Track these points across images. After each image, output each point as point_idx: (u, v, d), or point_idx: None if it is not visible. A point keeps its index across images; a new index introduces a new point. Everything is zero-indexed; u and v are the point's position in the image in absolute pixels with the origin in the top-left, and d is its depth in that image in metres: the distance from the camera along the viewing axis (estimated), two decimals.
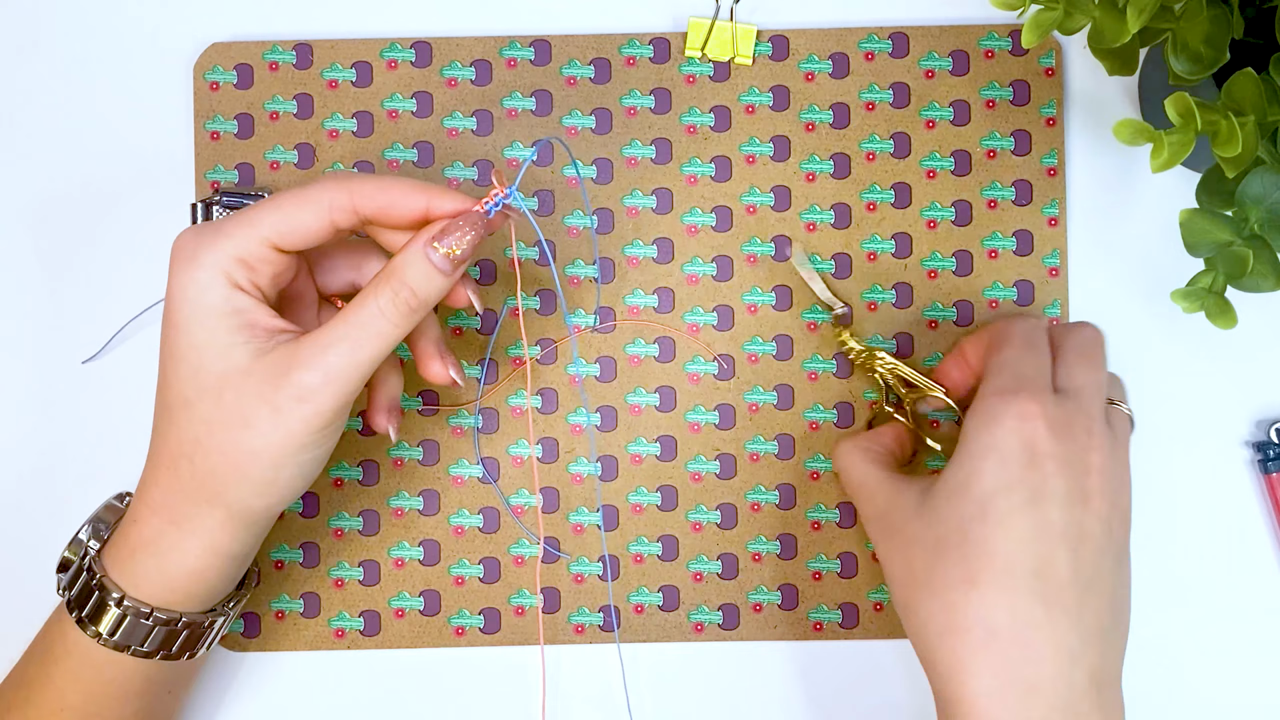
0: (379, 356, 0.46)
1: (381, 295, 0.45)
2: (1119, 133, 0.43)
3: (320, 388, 0.45)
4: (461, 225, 0.46)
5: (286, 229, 0.45)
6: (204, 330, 0.45)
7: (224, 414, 0.45)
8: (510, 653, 0.57)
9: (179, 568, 0.47)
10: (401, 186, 0.46)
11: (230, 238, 0.45)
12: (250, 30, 0.58)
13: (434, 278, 0.46)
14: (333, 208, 0.46)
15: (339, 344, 0.45)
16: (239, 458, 0.46)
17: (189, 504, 0.47)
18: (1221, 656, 0.57)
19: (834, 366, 0.57)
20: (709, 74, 0.57)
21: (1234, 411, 0.57)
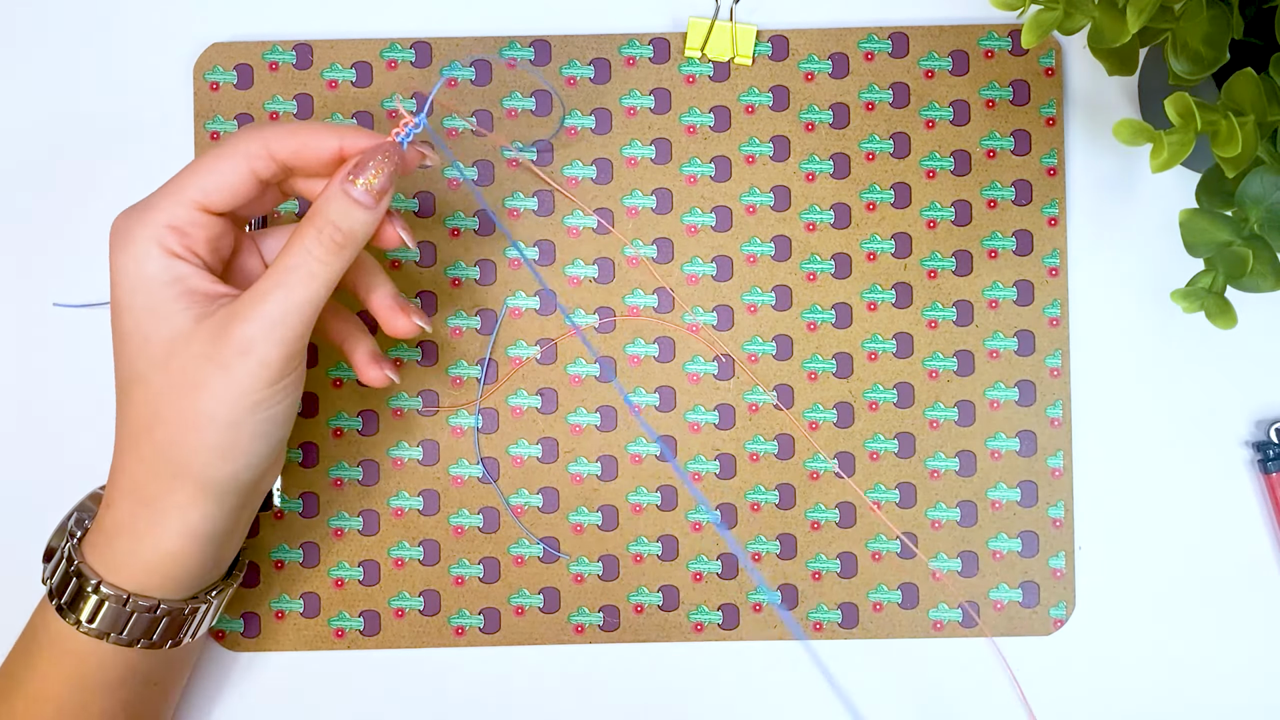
0: (316, 298, 0.46)
1: (307, 236, 0.46)
2: (1119, 133, 0.43)
3: (261, 336, 0.45)
4: (377, 157, 0.46)
5: (210, 186, 0.46)
6: (145, 303, 0.45)
7: (174, 381, 0.45)
8: (510, 653, 0.57)
9: (154, 550, 0.47)
10: (313, 127, 0.47)
11: (158, 208, 0.46)
12: (250, 30, 0.58)
13: (355, 211, 0.46)
14: (249, 156, 0.46)
15: (273, 291, 0.45)
16: (195, 422, 0.45)
17: (156, 481, 0.47)
18: (1221, 656, 0.57)
19: (834, 366, 0.57)
20: (709, 74, 0.57)
21: (1234, 411, 0.57)
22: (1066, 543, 0.57)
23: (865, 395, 0.57)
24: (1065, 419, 0.57)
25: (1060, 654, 0.57)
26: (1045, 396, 0.57)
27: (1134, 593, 0.57)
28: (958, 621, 0.57)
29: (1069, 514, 0.57)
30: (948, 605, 0.57)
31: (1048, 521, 0.57)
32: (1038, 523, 0.57)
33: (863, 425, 0.57)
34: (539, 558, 0.57)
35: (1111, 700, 0.57)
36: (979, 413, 0.57)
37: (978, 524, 0.57)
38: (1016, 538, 0.57)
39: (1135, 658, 0.57)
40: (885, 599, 0.57)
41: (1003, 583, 0.57)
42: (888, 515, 0.57)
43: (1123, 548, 0.57)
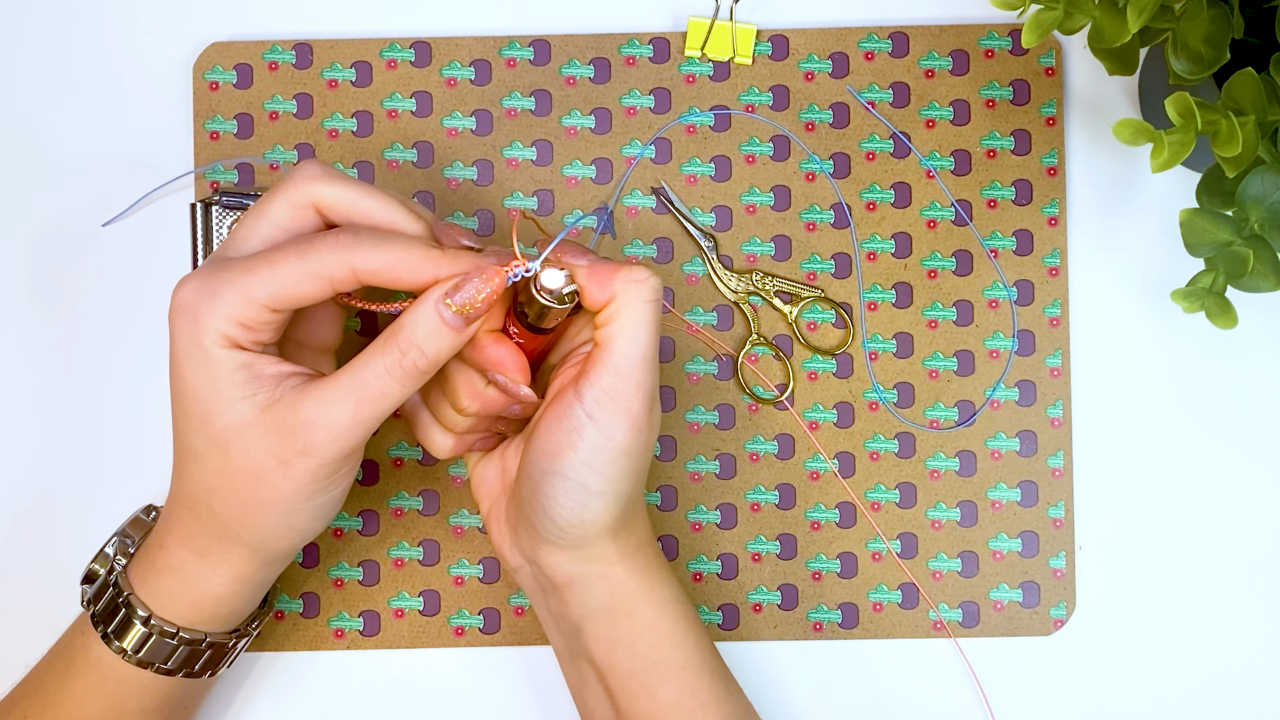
0: (382, 416, 0.45)
1: (389, 355, 0.44)
2: (1119, 133, 0.43)
3: (325, 443, 0.44)
4: (476, 281, 0.44)
5: (284, 296, 0.44)
6: (208, 386, 0.44)
7: (232, 467, 0.45)
8: (510, 653, 0.57)
9: (205, 594, 0.48)
10: (407, 257, 0.44)
11: (228, 304, 0.44)
12: (250, 30, 0.58)
13: (444, 335, 0.44)
14: (334, 280, 0.44)
15: (342, 402, 0.44)
16: (252, 508, 0.46)
17: (212, 541, 0.47)
18: (1221, 656, 0.57)
19: (834, 366, 0.57)
20: (709, 74, 0.57)
21: (1233, 411, 0.57)
22: (1067, 543, 0.57)
23: (865, 395, 0.57)
24: (1065, 419, 0.57)
25: (1060, 654, 0.57)
26: (1045, 396, 0.57)
27: (1134, 593, 0.57)
28: (958, 621, 0.57)
29: (1069, 514, 0.57)
30: (948, 605, 0.57)
31: (1048, 521, 0.57)
32: (1038, 523, 0.57)
33: (863, 425, 0.57)
34: None
35: (1111, 700, 0.57)
36: (979, 413, 0.57)
37: (978, 524, 0.57)
38: (1017, 538, 0.57)
39: (1135, 658, 0.57)
40: (885, 599, 0.57)
41: (1003, 583, 0.57)
42: (888, 515, 0.57)
43: (1123, 548, 0.57)
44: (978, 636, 0.57)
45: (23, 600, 0.57)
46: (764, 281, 0.56)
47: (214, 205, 0.55)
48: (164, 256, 0.57)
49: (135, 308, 0.57)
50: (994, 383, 0.57)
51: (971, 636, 0.57)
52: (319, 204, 0.46)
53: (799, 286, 0.56)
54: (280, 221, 0.45)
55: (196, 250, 0.55)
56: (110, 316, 0.57)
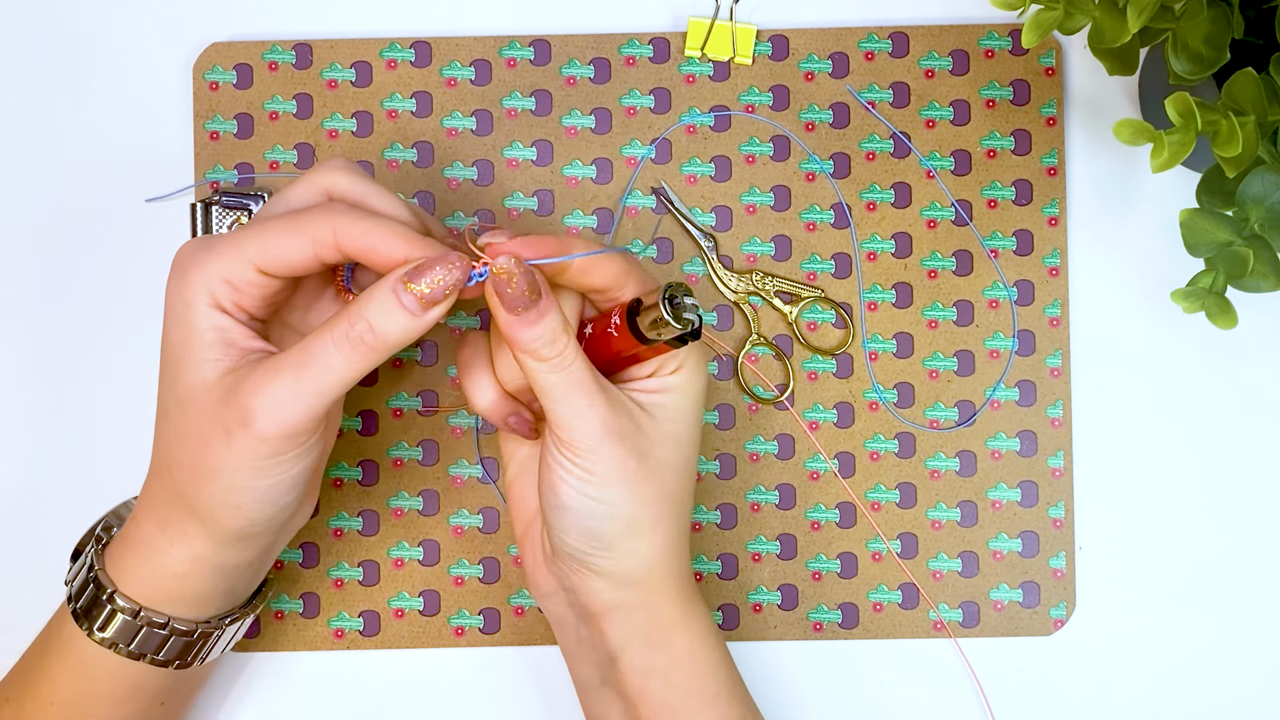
0: (327, 391, 0.44)
1: (338, 326, 0.44)
2: (1119, 133, 0.43)
3: (263, 415, 0.43)
4: (439, 267, 0.43)
5: (270, 255, 0.44)
6: (182, 343, 0.45)
7: (188, 429, 0.45)
8: (510, 653, 0.57)
9: (163, 569, 0.47)
10: (386, 233, 0.44)
11: (219, 256, 0.45)
12: (250, 30, 0.58)
13: (397, 315, 0.43)
14: (316, 241, 0.44)
15: (285, 372, 0.44)
16: (200, 475, 0.45)
17: (171, 509, 0.47)
18: (1221, 656, 0.57)
19: (834, 366, 0.57)
20: (709, 74, 0.57)
21: (1234, 411, 0.57)
22: (1067, 543, 0.57)
23: (865, 395, 0.57)
24: (1065, 419, 0.57)
25: (1060, 654, 0.57)
26: (1045, 396, 0.57)
27: (1134, 593, 0.57)
28: (958, 621, 0.57)
29: (1069, 514, 0.57)
30: (948, 605, 0.57)
31: (1048, 521, 0.57)
32: (1038, 523, 0.57)
33: (863, 425, 0.57)
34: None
35: (1111, 700, 0.57)
36: (979, 413, 0.57)
37: (978, 524, 0.57)
38: (1017, 538, 0.57)
39: (1135, 658, 0.57)
40: (885, 599, 0.57)
41: (1003, 583, 0.57)
42: (888, 515, 0.57)
43: (1123, 548, 0.57)
44: (978, 636, 0.57)
45: (12, 594, 0.57)
46: (764, 281, 0.56)
47: (214, 205, 0.55)
48: (163, 258, 0.57)
49: (135, 308, 0.57)
50: (994, 383, 0.57)
51: (971, 636, 0.57)
52: (331, 191, 0.47)
53: (799, 286, 0.56)
54: (294, 204, 0.47)
55: None
56: (109, 317, 0.57)
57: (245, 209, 0.55)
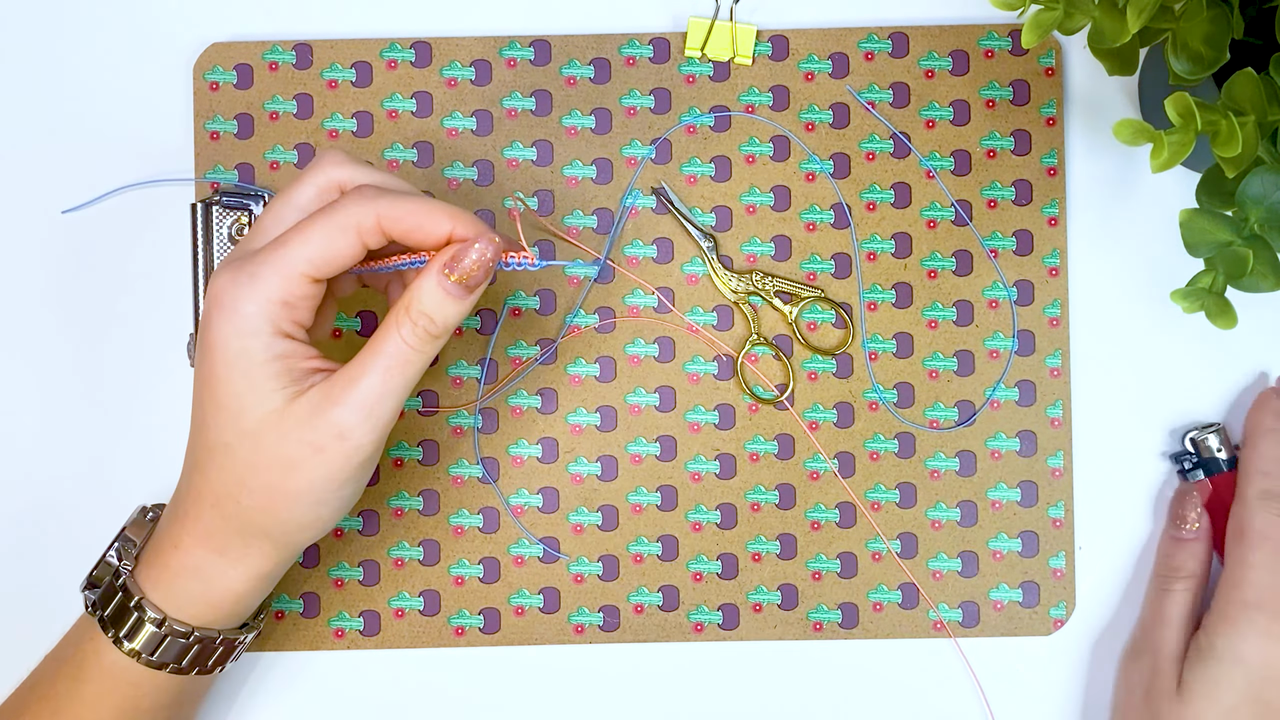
0: (410, 383, 0.46)
1: (403, 325, 0.45)
2: (1119, 133, 0.43)
3: (359, 423, 0.45)
4: (474, 251, 0.45)
5: (321, 259, 0.45)
6: (245, 379, 0.45)
7: (265, 458, 0.45)
8: (510, 653, 0.57)
9: (224, 593, 0.48)
10: (427, 211, 0.46)
11: (267, 279, 0.44)
12: (250, 30, 0.58)
13: (448, 304, 0.46)
14: (362, 230, 0.45)
15: (369, 377, 0.45)
16: (284, 499, 0.46)
17: (236, 537, 0.47)
18: None
19: (834, 366, 0.57)
20: (709, 74, 0.57)
21: (1233, 410, 0.57)
22: (1066, 543, 0.57)
23: (865, 395, 0.57)
24: (1065, 419, 0.57)
25: (1060, 654, 0.57)
26: (1045, 396, 0.57)
27: (1134, 593, 0.57)
28: (958, 621, 0.57)
29: (1069, 514, 0.57)
30: (948, 605, 0.57)
31: (1048, 521, 0.57)
32: (1038, 523, 0.57)
33: (863, 425, 0.57)
34: (539, 558, 0.57)
35: (1111, 700, 0.57)
36: (979, 413, 0.57)
37: (978, 524, 0.57)
38: (1017, 538, 0.57)
39: None
40: (885, 599, 0.57)
41: (1003, 583, 0.57)
42: (888, 515, 0.57)
43: (1123, 548, 0.57)
44: (978, 636, 0.57)
45: (21, 603, 0.57)
46: (764, 281, 0.56)
47: (214, 205, 0.55)
48: (163, 257, 0.57)
49: (134, 308, 0.57)
50: (994, 383, 0.57)
51: (971, 636, 0.57)
52: (344, 186, 0.47)
53: (799, 286, 0.56)
54: (306, 206, 0.47)
55: (197, 251, 0.55)
56: (109, 317, 0.57)
57: (245, 209, 0.55)
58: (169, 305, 0.57)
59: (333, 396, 0.45)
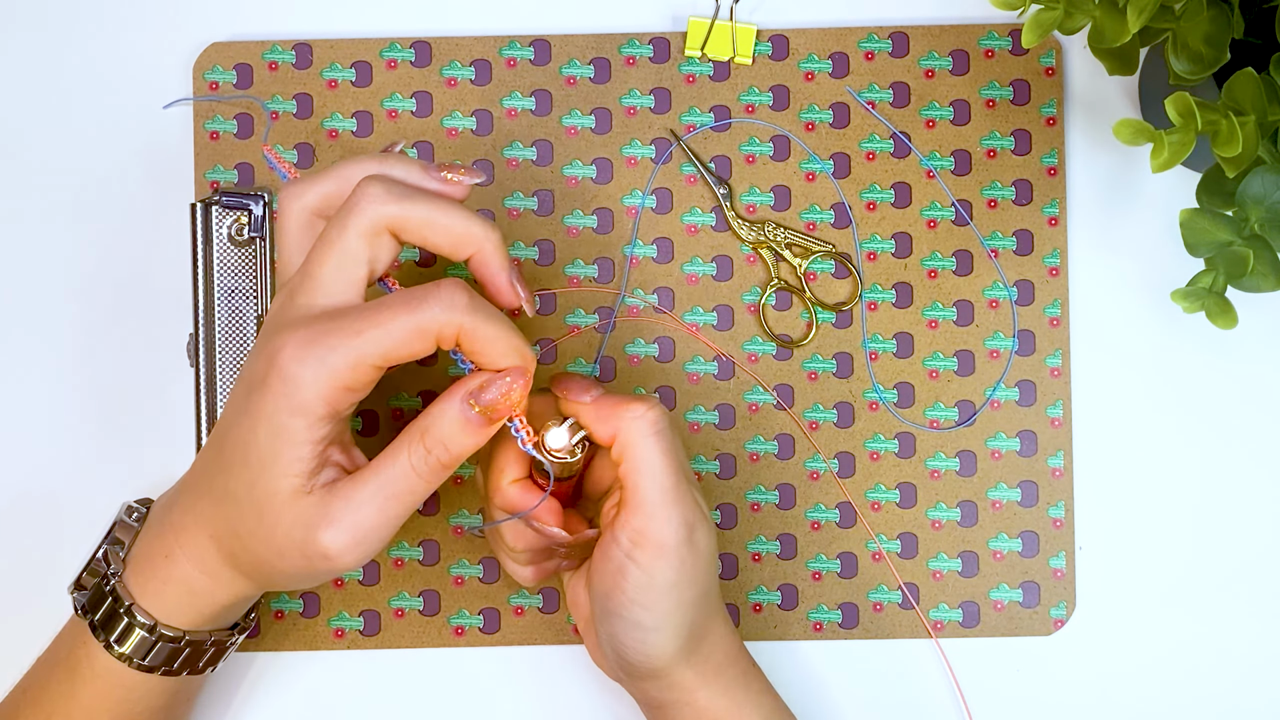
0: (408, 513, 0.45)
1: (415, 452, 0.45)
2: (1119, 133, 0.43)
3: (345, 551, 0.45)
4: (502, 384, 0.45)
5: (395, 356, 0.43)
6: (274, 455, 0.44)
7: (262, 533, 0.45)
8: (510, 653, 0.57)
9: (212, 605, 0.48)
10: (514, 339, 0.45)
11: (338, 369, 0.43)
12: (250, 30, 0.58)
13: (466, 435, 0.45)
14: (441, 338, 0.44)
15: (369, 503, 0.44)
16: (270, 572, 0.47)
17: (226, 570, 0.47)
18: (1221, 656, 0.57)
19: (834, 366, 0.57)
20: (709, 74, 0.57)
21: (1233, 411, 0.57)
22: (1067, 543, 0.57)
23: (865, 395, 0.57)
24: (1065, 419, 0.57)
25: (1060, 654, 0.57)
26: (1045, 396, 0.57)
27: (1134, 593, 0.57)
28: (958, 621, 0.57)
29: (1069, 514, 0.57)
30: (948, 605, 0.57)
31: (1048, 521, 0.57)
32: (1038, 523, 0.57)
33: (863, 425, 0.57)
34: None
35: (1111, 700, 0.57)
36: (979, 413, 0.57)
37: (978, 524, 0.57)
38: (1017, 538, 0.57)
39: (1135, 658, 0.57)
40: (885, 599, 0.57)
41: (1003, 583, 0.57)
42: (888, 515, 0.57)
43: (1123, 548, 0.57)
44: (978, 636, 0.57)
45: (13, 603, 0.57)
46: (775, 233, 0.56)
47: (214, 205, 0.55)
48: (163, 258, 0.57)
49: (133, 307, 0.57)
50: (994, 383, 0.57)
51: (971, 636, 0.57)
52: (393, 228, 0.45)
53: (810, 240, 0.56)
54: (360, 256, 0.44)
55: (196, 250, 0.55)
56: (108, 316, 0.57)
57: (245, 209, 0.55)
58: (168, 305, 0.57)
59: (330, 513, 0.44)
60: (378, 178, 0.45)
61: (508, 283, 0.46)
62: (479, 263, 0.46)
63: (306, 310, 0.44)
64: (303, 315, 0.44)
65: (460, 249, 0.45)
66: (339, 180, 0.46)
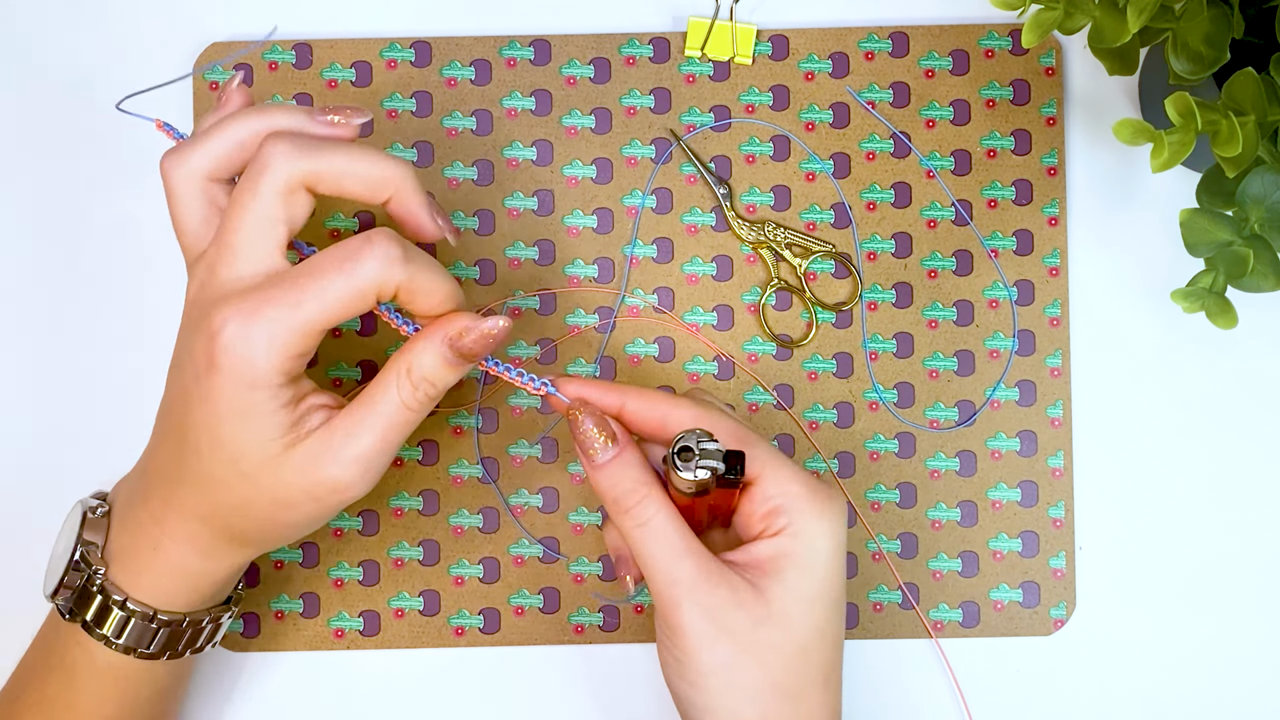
0: (404, 438, 0.46)
1: (403, 387, 0.45)
2: (1119, 133, 0.43)
3: (355, 479, 0.45)
4: (483, 331, 0.45)
5: (338, 318, 0.44)
6: (249, 430, 0.44)
7: (261, 495, 0.45)
8: (510, 653, 0.57)
9: (208, 583, 0.49)
10: (443, 294, 0.45)
11: (284, 339, 0.43)
12: (250, 30, 0.58)
13: (449, 371, 0.46)
14: (381, 295, 0.44)
15: (367, 436, 0.45)
16: (275, 527, 0.47)
17: (222, 544, 0.48)
18: (1221, 656, 0.57)
19: (834, 366, 0.57)
20: (709, 74, 0.57)
21: (1234, 411, 0.57)
22: (1067, 543, 0.57)
23: (865, 395, 0.57)
24: (1065, 419, 0.57)
25: (1060, 654, 0.57)
26: (1045, 396, 0.57)
27: (1134, 593, 0.57)
28: (958, 621, 0.57)
29: (1069, 514, 0.57)
30: (948, 605, 0.57)
31: (1048, 521, 0.57)
32: (1038, 523, 0.57)
33: (863, 425, 0.57)
34: (539, 558, 0.57)
35: (1111, 700, 0.57)
36: (979, 413, 0.57)
37: (978, 524, 0.57)
38: (1017, 538, 0.57)
39: (1135, 658, 0.57)
40: (885, 599, 0.57)
41: (1003, 583, 0.57)
42: (888, 515, 0.57)
43: (1123, 548, 0.57)
44: (978, 636, 0.57)
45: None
46: (775, 232, 0.56)
47: None
48: (163, 258, 0.57)
49: (132, 306, 0.57)
50: (994, 383, 0.57)
51: (971, 636, 0.57)
52: (308, 183, 0.44)
53: (809, 240, 0.56)
54: (277, 217, 0.44)
55: None
56: (107, 315, 0.57)
57: None
58: (153, 297, 0.57)
59: (331, 451, 0.45)
60: (283, 134, 0.45)
61: (429, 217, 0.47)
62: (398, 203, 0.46)
63: (235, 282, 0.44)
64: (232, 288, 0.44)
65: (378, 193, 0.45)
66: (225, 140, 0.46)
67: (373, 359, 0.57)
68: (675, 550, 0.45)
